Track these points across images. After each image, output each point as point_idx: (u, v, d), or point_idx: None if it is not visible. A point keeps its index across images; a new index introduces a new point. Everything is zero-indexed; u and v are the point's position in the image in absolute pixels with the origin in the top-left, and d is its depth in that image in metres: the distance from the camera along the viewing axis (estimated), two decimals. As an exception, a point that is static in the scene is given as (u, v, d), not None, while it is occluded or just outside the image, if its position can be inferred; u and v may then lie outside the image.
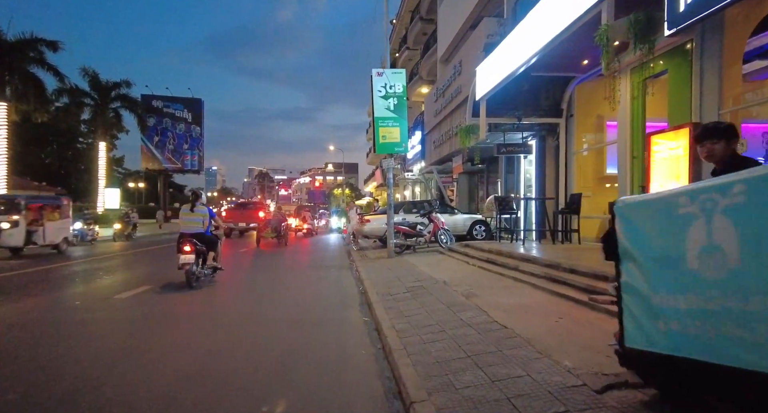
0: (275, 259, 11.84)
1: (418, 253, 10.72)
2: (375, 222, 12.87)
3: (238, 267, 9.79)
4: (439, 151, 16.32)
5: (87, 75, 36.70)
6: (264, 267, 10.21)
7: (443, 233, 10.92)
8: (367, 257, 10.88)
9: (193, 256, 6.67)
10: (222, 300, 6.36)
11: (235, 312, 5.50)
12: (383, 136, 10.01)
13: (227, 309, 5.77)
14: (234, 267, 9.53)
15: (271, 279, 8.23)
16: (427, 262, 8.90)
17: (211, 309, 5.65)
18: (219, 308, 5.75)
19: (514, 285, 5.73)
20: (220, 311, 5.55)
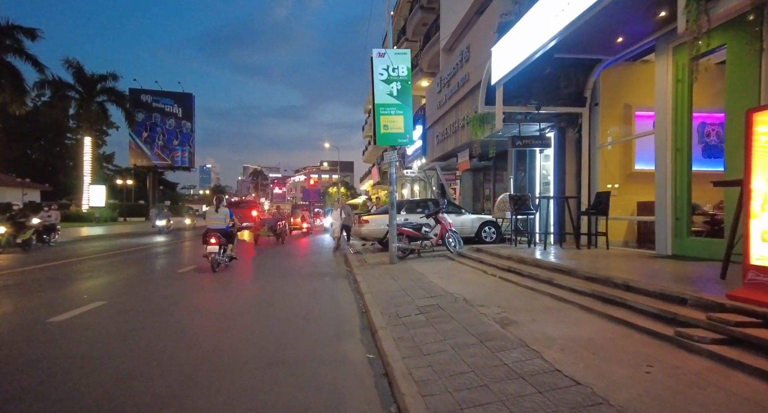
0: (265, 263, 10.62)
1: (424, 259, 9.54)
2: (374, 223, 11.67)
3: (226, 272, 8.59)
4: (442, 146, 15.14)
5: (71, 67, 35.13)
6: (250, 274, 8.99)
7: (451, 236, 9.75)
8: (367, 262, 9.68)
9: (217, 247, 8.62)
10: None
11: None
12: (385, 125, 8.82)
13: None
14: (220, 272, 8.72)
15: (255, 292, 7.02)
16: (437, 270, 7.72)
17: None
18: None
19: (556, 307, 4.55)
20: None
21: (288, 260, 11.54)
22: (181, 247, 15.20)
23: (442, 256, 9.67)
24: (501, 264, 7.21)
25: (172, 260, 11.30)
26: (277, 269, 9.85)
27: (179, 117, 44.99)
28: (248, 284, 7.89)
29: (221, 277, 8.18)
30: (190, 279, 8.15)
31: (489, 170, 15.89)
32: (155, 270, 9.55)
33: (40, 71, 27.77)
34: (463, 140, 12.78)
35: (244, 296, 6.60)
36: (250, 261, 11.11)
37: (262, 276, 8.58)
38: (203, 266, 9.06)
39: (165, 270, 9.45)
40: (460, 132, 13.07)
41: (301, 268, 9.77)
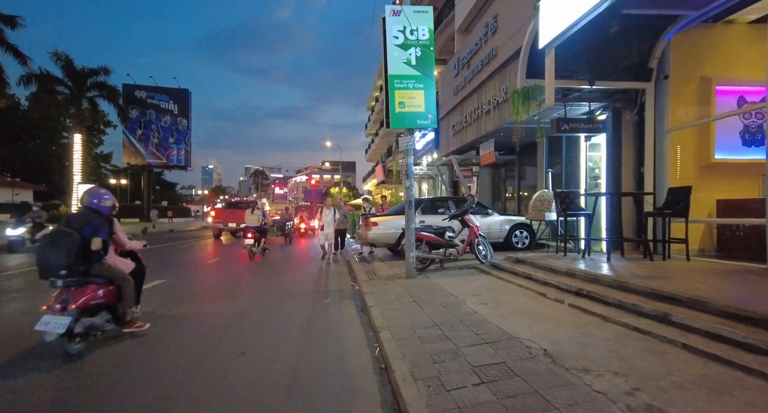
0: (257, 274, 8.73)
1: (450, 271, 7.63)
2: (384, 225, 9.75)
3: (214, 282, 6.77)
4: (460, 137, 13.22)
5: (59, 60, 33.31)
6: (236, 291, 7.12)
7: (482, 242, 7.86)
8: (377, 275, 7.79)
9: (253, 240, 11.21)
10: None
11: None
12: (400, 102, 6.93)
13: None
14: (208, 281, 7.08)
15: (220, 333, 5.12)
16: (473, 290, 5.82)
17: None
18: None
19: (721, 378, 2.64)
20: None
21: (283, 268, 9.66)
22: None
23: (471, 268, 7.77)
24: (562, 283, 5.30)
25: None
26: (266, 283, 7.98)
27: (175, 114, 43.21)
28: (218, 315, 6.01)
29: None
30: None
31: (512, 165, 13.97)
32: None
33: (23, 63, 25.90)
34: (488, 127, 10.86)
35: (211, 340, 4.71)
36: (236, 270, 9.23)
37: (241, 296, 6.68)
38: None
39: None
40: (483, 119, 11.16)
41: (296, 282, 7.87)
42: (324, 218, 10.28)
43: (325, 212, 10.37)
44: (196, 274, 8.81)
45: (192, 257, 12.33)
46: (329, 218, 10.30)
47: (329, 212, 10.46)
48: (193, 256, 12.52)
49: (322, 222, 10.29)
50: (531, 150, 12.70)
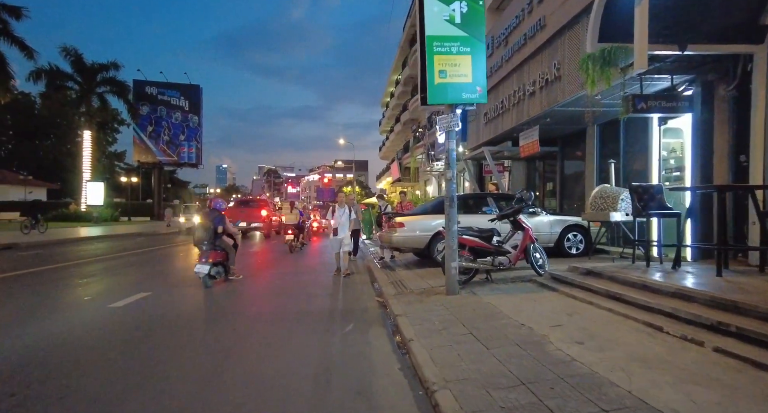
0: (258, 285, 7.32)
1: (498, 284, 6.11)
2: (411, 227, 8.24)
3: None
4: (493, 126, 11.68)
5: (69, 55, 32.60)
6: (230, 311, 5.72)
7: (537, 249, 6.32)
8: (407, 289, 6.30)
9: (293, 236, 12.62)
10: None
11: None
12: (440, 71, 5.43)
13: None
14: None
15: (200, 385, 3.70)
16: (548, 317, 4.30)
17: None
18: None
19: None
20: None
21: (292, 278, 8.24)
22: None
23: (526, 281, 6.23)
24: (678, 310, 3.74)
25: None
26: (270, 299, 6.58)
27: (186, 110, 42.32)
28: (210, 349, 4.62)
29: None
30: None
31: (551, 158, 12.34)
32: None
33: (29, 56, 25.07)
34: (532, 112, 9.30)
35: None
36: (236, 282, 7.78)
37: (237, 319, 5.24)
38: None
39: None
40: (526, 102, 9.59)
41: (308, 297, 6.43)
42: (337, 219, 8.03)
43: (338, 212, 8.07)
44: (184, 288, 6.82)
45: (186, 264, 9.97)
46: (344, 218, 8.03)
47: (343, 211, 8.11)
48: (187, 263, 9.96)
49: (335, 224, 8.03)
50: (575, 140, 11.08)
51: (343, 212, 8.13)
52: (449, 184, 5.72)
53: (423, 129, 24.72)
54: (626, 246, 7.55)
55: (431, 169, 22.46)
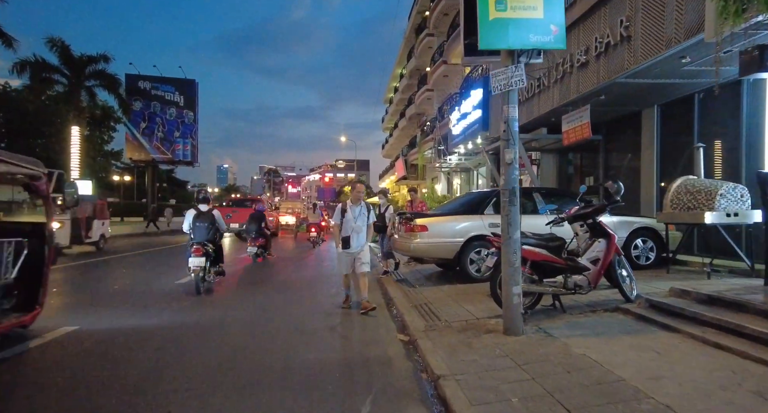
0: (237, 317, 5.52)
1: (575, 316, 4.28)
2: (437, 230, 6.39)
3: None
4: (525, 110, 9.85)
5: (55, 47, 30.77)
6: (187, 367, 3.95)
7: (623, 264, 4.51)
8: (440, 319, 4.49)
9: (316, 234, 15.06)
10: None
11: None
12: (498, 1, 3.64)
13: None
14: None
15: None
16: (699, 386, 2.49)
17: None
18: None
19: None
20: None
21: (287, 296, 6.43)
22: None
23: (611, 309, 4.40)
24: None
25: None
26: (248, 339, 4.80)
27: (181, 106, 40.53)
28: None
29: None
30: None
31: (591, 149, 10.47)
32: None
33: (8, 44, 23.24)
34: (584, 87, 7.46)
35: None
36: (207, 310, 5.94)
37: (193, 385, 3.05)
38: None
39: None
40: (575, 76, 7.77)
41: (305, 336, 4.63)
42: (348, 223, 5.23)
43: (350, 213, 5.25)
44: (127, 319, 4.89)
45: (142, 278, 8.25)
46: (359, 222, 5.24)
47: (359, 211, 5.27)
48: (145, 276, 8.48)
49: (345, 231, 5.25)
50: (624, 126, 9.26)
51: (359, 212, 5.27)
52: (509, 170, 3.89)
53: (431, 122, 22.88)
54: (715, 256, 5.73)
55: (441, 166, 20.58)
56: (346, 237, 5.24)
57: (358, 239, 5.28)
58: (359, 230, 5.26)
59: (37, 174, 4.09)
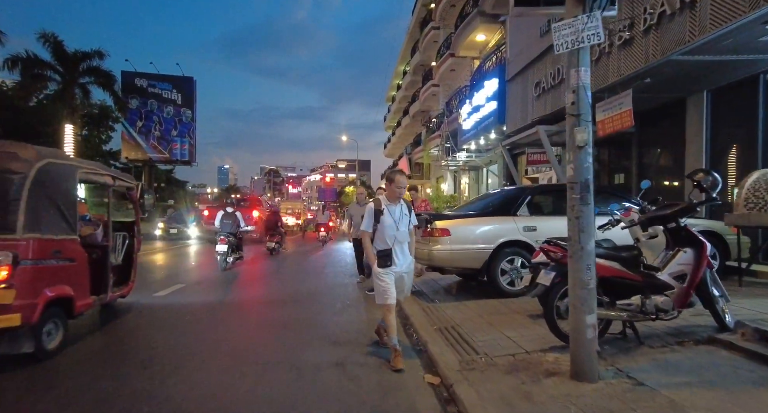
0: (218, 348, 4.57)
1: (658, 350, 3.26)
2: (461, 235, 5.36)
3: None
4: (551, 98, 8.83)
5: (48, 42, 29.81)
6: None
7: (715, 280, 3.48)
8: (480, 355, 3.48)
9: (326, 234, 16.79)
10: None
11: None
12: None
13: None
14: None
15: None
16: None
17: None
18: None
19: None
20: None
21: (287, 310, 5.46)
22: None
23: (702, 340, 3.38)
24: None
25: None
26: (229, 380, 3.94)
27: (178, 104, 39.52)
28: None
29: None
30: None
31: (623, 144, 9.44)
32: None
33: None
34: (627, 68, 6.44)
35: None
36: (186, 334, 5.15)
37: None
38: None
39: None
40: (615, 56, 6.75)
41: (302, 373, 3.63)
42: (384, 230, 3.53)
43: (386, 217, 3.54)
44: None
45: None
46: (403, 227, 3.58)
47: (398, 211, 3.60)
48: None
49: (381, 242, 3.57)
50: (663, 116, 8.23)
51: (400, 214, 3.59)
52: (579, 155, 2.87)
53: (438, 118, 21.86)
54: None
55: (448, 164, 19.55)
56: (386, 250, 3.49)
57: (403, 252, 3.62)
58: (403, 239, 3.60)
59: (132, 185, 5.59)
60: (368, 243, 3.59)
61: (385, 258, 3.48)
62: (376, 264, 3.52)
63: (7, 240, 3.39)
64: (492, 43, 16.69)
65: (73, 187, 4.18)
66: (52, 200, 3.84)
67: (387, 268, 3.49)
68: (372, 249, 3.56)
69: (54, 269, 3.76)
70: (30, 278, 3.46)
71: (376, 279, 3.53)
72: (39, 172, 3.67)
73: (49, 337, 3.64)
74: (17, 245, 3.41)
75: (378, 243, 3.56)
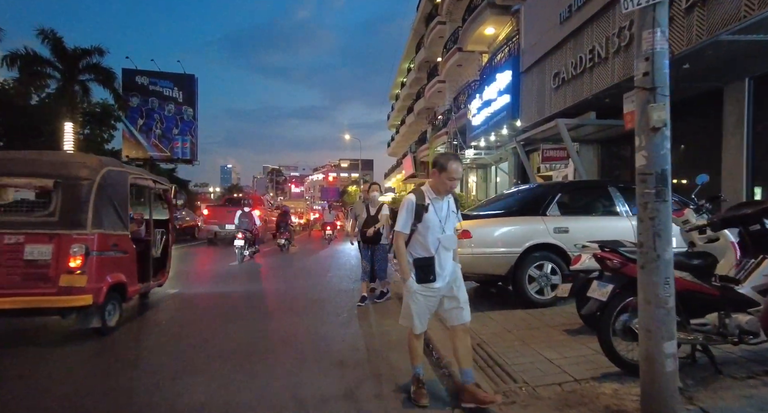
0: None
1: (742, 383, 2.63)
2: (484, 237, 4.74)
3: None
4: (572, 90, 8.22)
5: (47, 39, 29.33)
6: None
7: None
8: (519, 384, 2.89)
9: (331, 232, 17.56)
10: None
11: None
12: None
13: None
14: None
15: None
16: None
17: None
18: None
19: None
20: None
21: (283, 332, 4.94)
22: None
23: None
24: None
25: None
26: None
27: (180, 102, 38.94)
28: None
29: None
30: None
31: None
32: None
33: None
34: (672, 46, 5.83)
35: None
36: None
37: None
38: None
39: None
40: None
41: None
42: (427, 232, 2.67)
43: (430, 215, 2.67)
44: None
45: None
46: (450, 229, 2.73)
47: (445, 207, 2.74)
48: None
49: (418, 247, 2.70)
50: (695, 108, 7.59)
51: (446, 212, 2.74)
52: (655, 139, 2.30)
53: (444, 115, 21.23)
54: None
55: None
56: (427, 260, 2.65)
57: (447, 261, 2.73)
58: (450, 245, 2.72)
59: (167, 188, 6.27)
60: (402, 248, 2.71)
61: (426, 271, 2.63)
62: (413, 278, 2.67)
63: (80, 235, 4.09)
64: (502, 37, 16.04)
65: (125, 190, 4.83)
66: (111, 201, 4.49)
67: (428, 284, 2.66)
68: (407, 257, 2.70)
69: (112, 259, 4.46)
70: (97, 266, 4.15)
71: (410, 298, 2.69)
72: (102, 178, 4.34)
73: (110, 316, 4.35)
74: (87, 239, 4.11)
75: (416, 248, 2.70)
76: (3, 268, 3.90)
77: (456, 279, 2.77)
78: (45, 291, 3.89)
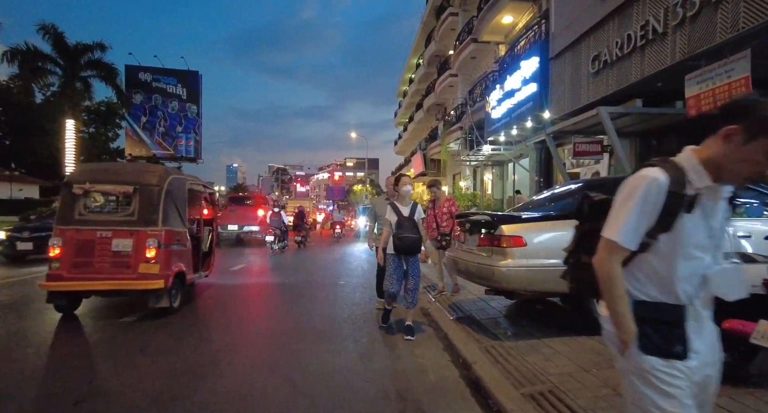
0: None
1: None
2: (541, 245, 3.81)
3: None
4: (616, 74, 7.23)
5: (48, 34, 28.70)
6: None
7: None
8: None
9: (340, 231, 19.48)
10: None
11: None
12: None
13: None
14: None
15: None
16: None
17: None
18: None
19: None
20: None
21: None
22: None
23: None
24: None
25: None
26: None
27: (183, 99, 38.20)
28: None
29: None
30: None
31: (698, 131, 7.79)
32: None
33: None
34: (748, 19, 4.83)
35: None
36: None
37: None
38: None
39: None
40: (724, 9, 5.14)
41: None
42: (684, 258, 1.30)
43: (691, 223, 1.27)
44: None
45: None
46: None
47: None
48: None
49: (684, 287, 1.31)
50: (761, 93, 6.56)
51: (721, 216, 1.35)
52: None
53: (457, 109, 20.22)
54: None
55: (469, 158, 17.91)
56: (670, 308, 1.32)
57: (707, 321, 1.36)
58: (724, 289, 1.33)
59: (213, 191, 7.60)
60: (618, 279, 1.34)
61: (666, 332, 1.32)
62: (640, 344, 1.32)
63: (153, 231, 4.92)
64: (520, 25, 15.05)
65: (184, 194, 5.72)
66: (174, 203, 5.33)
67: (670, 359, 1.29)
68: (626, 301, 1.34)
69: (176, 252, 5.28)
70: (166, 257, 4.98)
71: (649, 393, 1.30)
72: (168, 184, 5.21)
73: (174, 298, 5.18)
74: (159, 234, 4.93)
75: (642, 283, 1.37)
76: (97, 258, 4.77)
77: (717, 362, 1.37)
78: (128, 277, 4.76)
